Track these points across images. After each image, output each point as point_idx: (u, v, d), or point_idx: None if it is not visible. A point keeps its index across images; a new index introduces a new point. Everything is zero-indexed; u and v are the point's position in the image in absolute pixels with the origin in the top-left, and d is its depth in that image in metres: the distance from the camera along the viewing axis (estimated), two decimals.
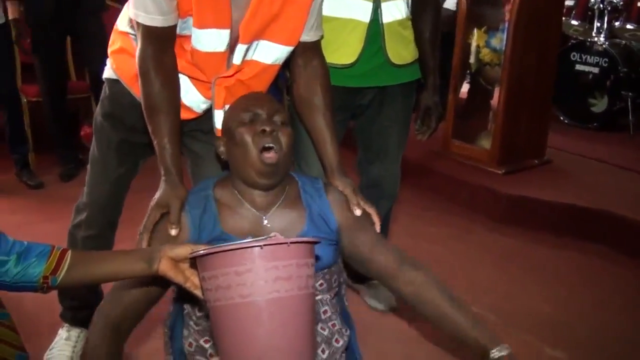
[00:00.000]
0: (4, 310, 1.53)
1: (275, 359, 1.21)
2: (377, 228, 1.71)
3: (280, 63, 1.84)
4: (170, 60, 1.71)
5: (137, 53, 1.69)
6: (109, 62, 1.98)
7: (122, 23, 1.91)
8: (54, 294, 2.67)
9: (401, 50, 2.32)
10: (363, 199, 1.73)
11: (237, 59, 1.76)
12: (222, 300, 1.24)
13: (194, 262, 1.33)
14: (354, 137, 2.60)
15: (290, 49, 1.80)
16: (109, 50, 1.97)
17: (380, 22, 2.22)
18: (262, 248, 1.22)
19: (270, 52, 1.79)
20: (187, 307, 1.65)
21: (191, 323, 1.63)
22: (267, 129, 1.54)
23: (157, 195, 1.63)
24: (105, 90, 2.03)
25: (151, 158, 2.05)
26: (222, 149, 1.65)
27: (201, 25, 1.68)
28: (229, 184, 1.65)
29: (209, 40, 1.70)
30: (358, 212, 1.68)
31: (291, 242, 1.25)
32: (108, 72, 2.00)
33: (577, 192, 3.84)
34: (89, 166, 2.13)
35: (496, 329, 2.68)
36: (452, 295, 1.62)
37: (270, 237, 1.52)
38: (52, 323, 2.49)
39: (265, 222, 1.61)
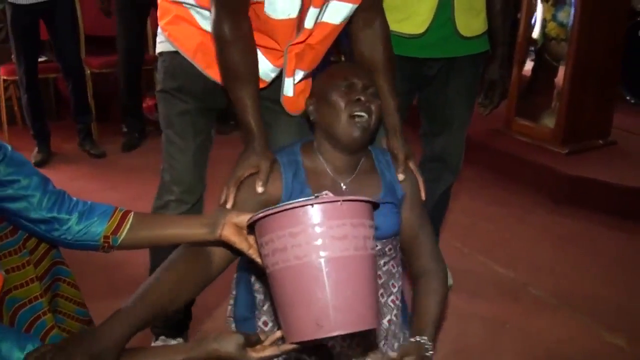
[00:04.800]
0: (66, 267, 1.55)
1: (334, 319, 1.18)
2: (423, 196, 1.71)
3: (345, 22, 1.81)
4: (247, 25, 1.69)
5: (212, 22, 1.67)
6: (163, 35, 1.94)
7: None
8: (115, 259, 2.76)
9: (470, 21, 2.27)
10: (414, 165, 1.73)
11: (309, 23, 1.75)
12: (279, 263, 1.22)
13: (253, 231, 1.32)
14: (419, 108, 2.55)
15: (356, 6, 1.78)
16: (161, 23, 1.92)
17: None
18: (313, 207, 1.21)
19: (339, 12, 1.77)
20: (253, 281, 1.67)
21: (264, 308, 1.65)
22: (362, 98, 1.57)
23: (246, 155, 1.63)
24: (165, 63, 1.98)
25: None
26: (311, 107, 1.66)
27: None
28: (311, 148, 1.66)
29: (283, 5, 1.69)
30: (401, 177, 1.67)
31: (343, 201, 1.23)
32: (164, 45, 1.95)
33: None
34: (164, 145, 2.06)
35: (554, 311, 2.66)
36: (443, 296, 1.66)
37: (321, 195, 1.50)
38: (110, 284, 2.54)
39: (344, 187, 1.62)
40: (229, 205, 1.55)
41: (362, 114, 1.56)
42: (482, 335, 2.50)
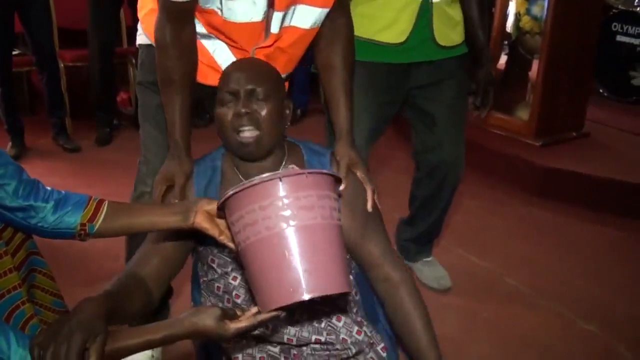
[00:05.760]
0: (42, 258, 1.57)
1: (306, 283, 1.24)
2: (369, 207, 1.65)
3: (319, 26, 1.77)
4: (189, 34, 1.68)
5: (155, 25, 1.67)
6: (141, 27, 1.94)
7: None
8: (91, 251, 2.75)
9: (448, 32, 2.26)
10: (363, 173, 1.67)
11: (274, 28, 1.71)
12: (250, 237, 1.27)
13: (224, 214, 1.36)
14: (411, 125, 2.53)
15: (327, 10, 1.74)
16: (140, 15, 1.92)
17: (430, 0, 2.16)
18: (281, 180, 1.27)
19: (308, 16, 1.73)
20: (202, 273, 1.66)
21: (208, 293, 1.65)
22: (243, 111, 1.50)
23: (163, 168, 1.66)
24: (142, 56, 1.98)
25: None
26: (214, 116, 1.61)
27: None
28: (229, 154, 1.63)
29: (243, 10, 1.65)
30: (341, 187, 1.57)
31: (309, 173, 1.31)
32: (141, 38, 1.95)
33: (615, 166, 3.78)
34: (142, 137, 2.05)
35: (529, 302, 2.69)
36: (424, 306, 1.60)
37: (288, 168, 1.55)
38: (86, 275, 2.54)
39: None
40: None
41: (246, 127, 1.50)
42: (457, 324, 2.52)
